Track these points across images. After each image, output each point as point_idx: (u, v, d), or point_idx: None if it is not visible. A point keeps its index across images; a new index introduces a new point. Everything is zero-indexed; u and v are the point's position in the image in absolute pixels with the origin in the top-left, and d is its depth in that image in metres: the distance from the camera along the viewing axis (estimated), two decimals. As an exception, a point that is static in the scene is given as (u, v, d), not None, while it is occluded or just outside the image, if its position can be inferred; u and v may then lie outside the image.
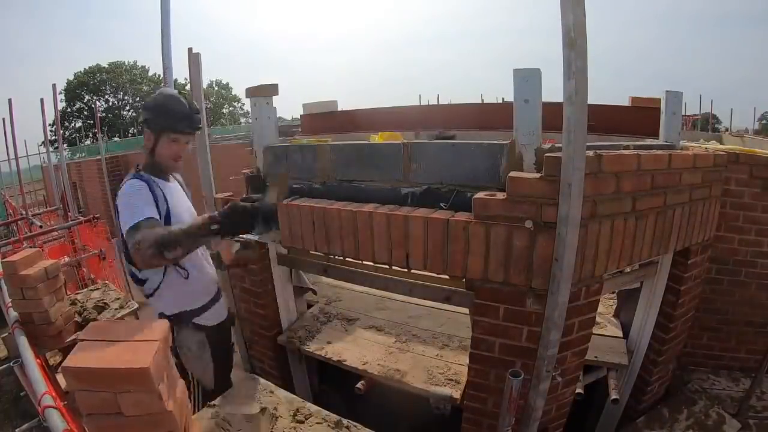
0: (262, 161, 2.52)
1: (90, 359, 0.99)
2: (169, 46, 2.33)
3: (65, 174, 7.22)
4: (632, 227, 1.71)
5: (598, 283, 1.74)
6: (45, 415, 1.40)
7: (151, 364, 0.97)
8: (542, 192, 1.53)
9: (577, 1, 1.28)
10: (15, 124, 7.79)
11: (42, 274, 2.38)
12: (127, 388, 0.99)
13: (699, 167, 1.94)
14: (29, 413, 2.29)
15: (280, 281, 2.68)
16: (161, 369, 1.05)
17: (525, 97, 1.65)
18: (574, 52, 1.31)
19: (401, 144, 2.00)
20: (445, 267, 1.78)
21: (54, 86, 7.21)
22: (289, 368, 2.82)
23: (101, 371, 0.97)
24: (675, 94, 2.10)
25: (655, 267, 2.23)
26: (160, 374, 1.03)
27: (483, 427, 1.95)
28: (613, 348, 2.40)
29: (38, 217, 7.36)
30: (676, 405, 2.33)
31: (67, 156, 14.32)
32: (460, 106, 3.64)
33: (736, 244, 2.33)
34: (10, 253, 3.61)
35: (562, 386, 1.85)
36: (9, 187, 11.82)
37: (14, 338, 2.13)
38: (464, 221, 1.68)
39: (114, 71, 30.88)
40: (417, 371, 2.23)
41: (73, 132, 28.41)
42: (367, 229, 1.93)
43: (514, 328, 1.73)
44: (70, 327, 2.62)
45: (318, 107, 3.75)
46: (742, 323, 2.43)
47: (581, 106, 1.35)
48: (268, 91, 2.44)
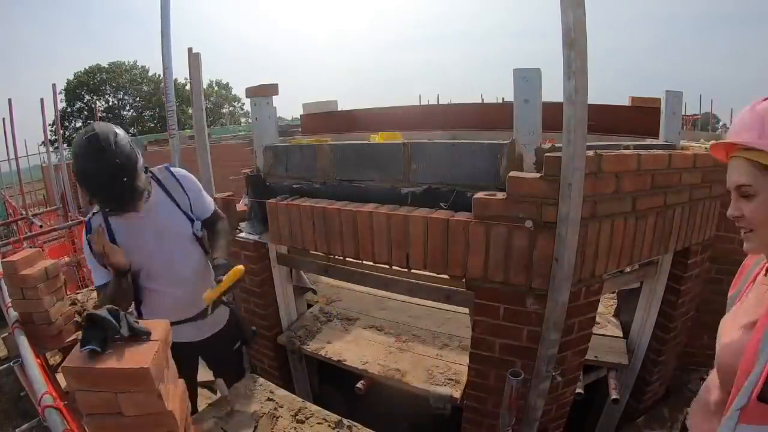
0: (262, 161, 2.52)
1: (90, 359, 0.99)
2: (169, 47, 2.33)
3: (65, 174, 7.23)
4: (632, 227, 1.71)
5: (598, 283, 1.74)
6: (45, 415, 1.40)
7: (151, 364, 0.97)
8: (542, 192, 1.53)
9: (577, 1, 1.28)
10: (15, 124, 7.79)
11: (42, 274, 2.38)
12: (127, 388, 0.98)
13: (699, 167, 1.94)
14: (29, 413, 2.29)
15: (280, 281, 2.68)
16: (161, 369, 1.05)
17: (525, 97, 1.65)
18: (573, 51, 1.31)
19: (401, 144, 2.00)
20: (445, 267, 1.78)
21: (54, 86, 7.22)
22: (289, 368, 2.82)
23: (101, 371, 0.97)
24: (675, 94, 2.10)
25: (655, 267, 2.23)
26: (160, 374, 1.03)
27: (483, 427, 1.95)
28: (613, 348, 2.40)
29: (38, 217, 7.37)
30: (676, 405, 2.33)
31: (67, 156, 14.32)
32: (460, 106, 3.63)
33: (736, 244, 2.32)
34: (10, 253, 3.61)
35: (562, 386, 1.85)
36: (9, 187, 11.82)
37: (14, 338, 2.13)
38: (464, 221, 1.68)
39: (114, 71, 30.86)
40: (417, 371, 2.23)
41: (73, 132, 28.38)
42: (367, 228, 1.93)
43: (514, 328, 1.73)
44: (70, 327, 2.62)
45: (318, 107, 3.74)
46: (742, 323, 2.42)
47: (581, 106, 1.36)
48: (268, 91, 2.45)
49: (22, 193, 8.30)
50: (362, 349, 2.47)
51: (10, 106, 7.52)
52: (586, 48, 1.32)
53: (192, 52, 2.49)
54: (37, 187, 13.05)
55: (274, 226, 2.32)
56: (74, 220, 5.38)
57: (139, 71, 32.27)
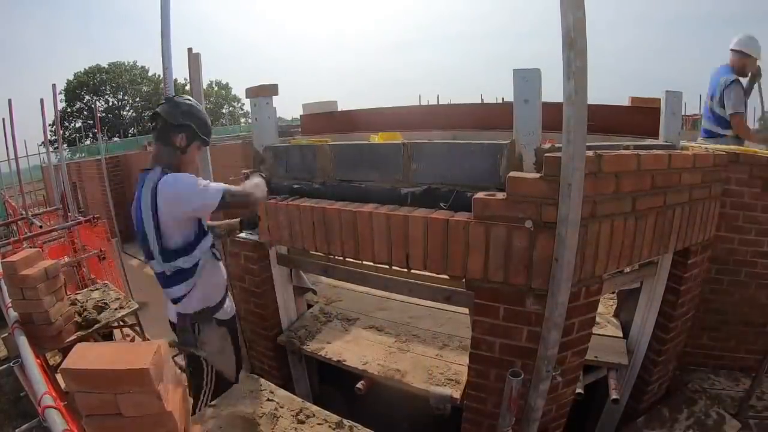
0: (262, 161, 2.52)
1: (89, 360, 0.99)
2: (169, 47, 2.32)
3: (65, 174, 7.22)
4: (632, 227, 1.71)
5: (598, 283, 1.74)
6: (45, 415, 1.40)
7: (150, 364, 0.97)
8: (542, 192, 1.53)
9: (577, 2, 1.28)
10: (15, 125, 7.78)
11: (42, 274, 2.38)
12: (127, 389, 0.98)
13: (699, 167, 1.94)
14: (29, 413, 2.29)
15: (280, 281, 2.68)
16: (161, 370, 1.05)
17: (525, 97, 1.65)
18: (573, 51, 1.31)
19: (401, 144, 2.00)
20: (445, 267, 1.78)
21: (54, 86, 7.20)
22: (289, 368, 2.81)
23: (101, 372, 0.97)
24: (675, 94, 2.10)
25: (655, 267, 2.23)
26: (159, 375, 1.03)
27: (483, 427, 1.95)
28: (613, 348, 2.40)
29: (38, 217, 7.36)
30: (676, 405, 2.33)
31: (67, 156, 14.34)
32: (460, 106, 3.63)
33: (736, 244, 2.32)
34: (10, 253, 3.61)
35: (562, 386, 1.85)
36: (9, 187, 11.81)
37: (14, 338, 2.13)
38: (464, 221, 1.68)
39: (114, 71, 30.85)
40: (417, 371, 2.23)
41: (73, 132, 28.39)
42: (367, 229, 1.93)
43: (514, 328, 1.73)
44: (70, 327, 2.62)
45: (318, 107, 3.74)
46: (742, 323, 2.42)
47: (581, 106, 1.35)
48: (268, 91, 2.45)
49: (22, 194, 8.29)
50: (362, 350, 2.47)
51: (10, 106, 7.50)
52: (585, 48, 1.31)
53: (192, 53, 2.49)
54: (37, 188, 13.05)
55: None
56: (74, 220, 5.37)
57: (139, 71, 32.27)
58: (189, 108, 1.82)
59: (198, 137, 1.83)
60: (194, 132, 1.81)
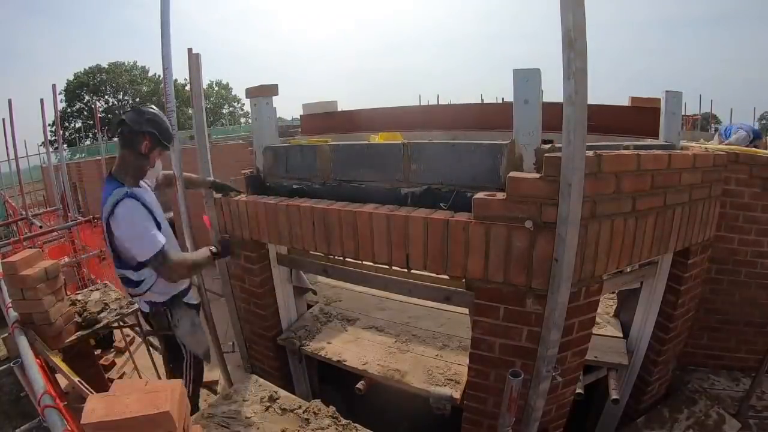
0: (262, 161, 2.52)
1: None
2: (168, 47, 2.32)
3: (65, 174, 7.22)
4: (632, 227, 1.71)
5: (598, 283, 1.74)
6: (45, 415, 1.40)
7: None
8: (542, 192, 1.53)
9: (577, 2, 1.28)
10: (15, 125, 7.78)
11: (42, 275, 2.38)
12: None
13: (699, 167, 1.94)
14: (29, 413, 2.29)
15: (280, 281, 2.68)
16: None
17: (525, 97, 1.65)
18: (573, 52, 1.31)
19: (401, 144, 2.00)
20: (445, 267, 1.78)
21: (54, 86, 7.20)
22: (289, 368, 2.81)
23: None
24: (675, 94, 2.10)
25: (655, 267, 2.23)
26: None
27: (483, 427, 1.95)
28: (613, 348, 2.40)
29: (38, 218, 7.37)
30: (676, 405, 2.33)
31: (67, 156, 14.32)
32: (460, 106, 3.64)
33: (736, 244, 2.33)
34: (10, 254, 3.61)
35: (562, 386, 1.85)
36: (9, 187, 11.82)
37: (14, 338, 2.13)
38: (464, 221, 1.68)
39: (114, 71, 30.87)
40: (417, 371, 2.23)
41: (72, 132, 28.40)
42: (367, 229, 1.93)
43: (514, 328, 1.73)
44: (70, 327, 2.62)
45: (318, 107, 3.75)
46: (742, 323, 2.42)
47: (581, 106, 1.35)
48: (268, 92, 2.45)
49: (22, 194, 8.30)
50: (362, 350, 2.47)
51: (10, 106, 7.51)
52: (585, 48, 1.32)
53: (192, 53, 2.49)
54: (37, 188, 13.07)
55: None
56: (74, 220, 5.37)
57: (139, 72, 32.31)
58: (153, 116, 1.97)
59: (160, 143, 1.99)
60: (157, 138, 1.96)
